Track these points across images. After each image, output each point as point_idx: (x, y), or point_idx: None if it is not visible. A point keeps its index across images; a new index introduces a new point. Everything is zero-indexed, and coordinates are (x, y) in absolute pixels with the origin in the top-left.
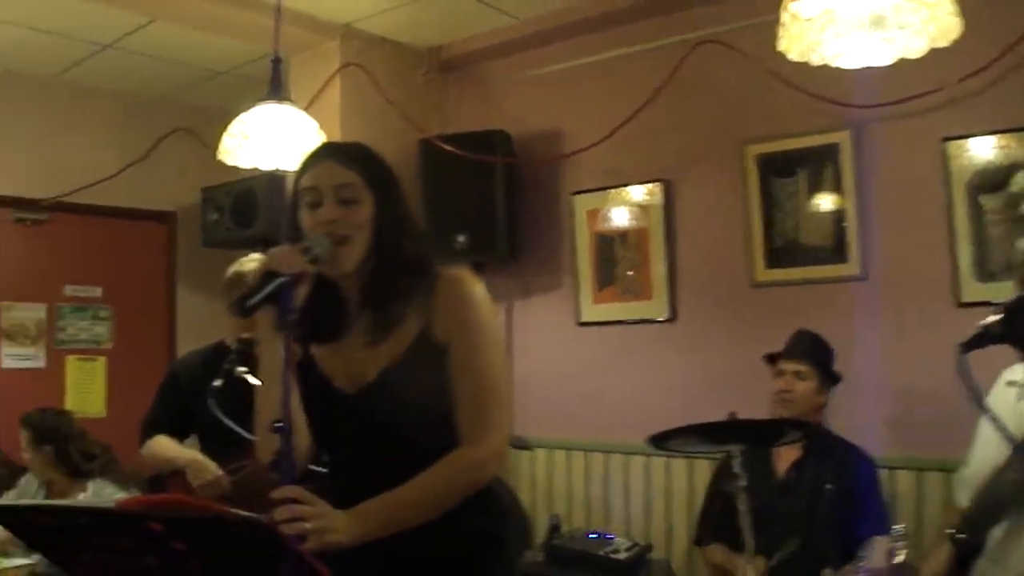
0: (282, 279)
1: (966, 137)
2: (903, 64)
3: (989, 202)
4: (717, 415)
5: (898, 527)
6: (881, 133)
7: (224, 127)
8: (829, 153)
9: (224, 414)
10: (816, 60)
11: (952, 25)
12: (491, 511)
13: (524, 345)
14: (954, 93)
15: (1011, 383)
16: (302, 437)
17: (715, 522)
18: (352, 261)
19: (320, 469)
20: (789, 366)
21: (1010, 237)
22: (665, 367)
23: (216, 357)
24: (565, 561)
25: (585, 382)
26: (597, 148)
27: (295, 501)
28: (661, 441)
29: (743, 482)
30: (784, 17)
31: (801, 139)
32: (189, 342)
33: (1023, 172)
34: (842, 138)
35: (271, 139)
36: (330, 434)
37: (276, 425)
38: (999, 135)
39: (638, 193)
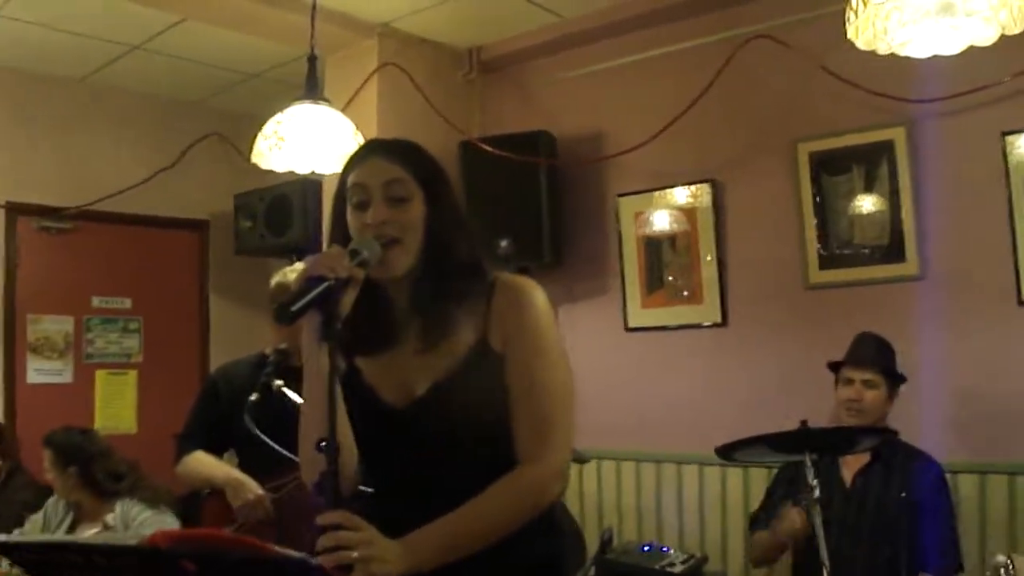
0: (328, 283)
1: None
2: (959, 57)
3: None
4: (772, 422)
5: (1001, 559)
6: (937, 128)
7: (257, 132)
8: (884, 150)
9: (261, 430)
10: (883, 49)
11: None
12: (551, 533)
13: (570, 352)
14: (1013, 86)
15: None
16: (349, 456)
17: (769, 515)
18: (403, 264)
19: (369, 490)
20: (857, 375)
21: None
22: (716, 373)
23: (256, 369)
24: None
25: (634, 389)
26: (643, 149)
27: (341, 527)
28: (728, 452)
29: (817, 493)
30: (853, 2)
31: (855, 136)
32: (222, 354)
33: None
34: (897, 134)
35: (307, 141)
36: (377, 452)
37: (321, 444)
38: None
39: (686, 194)
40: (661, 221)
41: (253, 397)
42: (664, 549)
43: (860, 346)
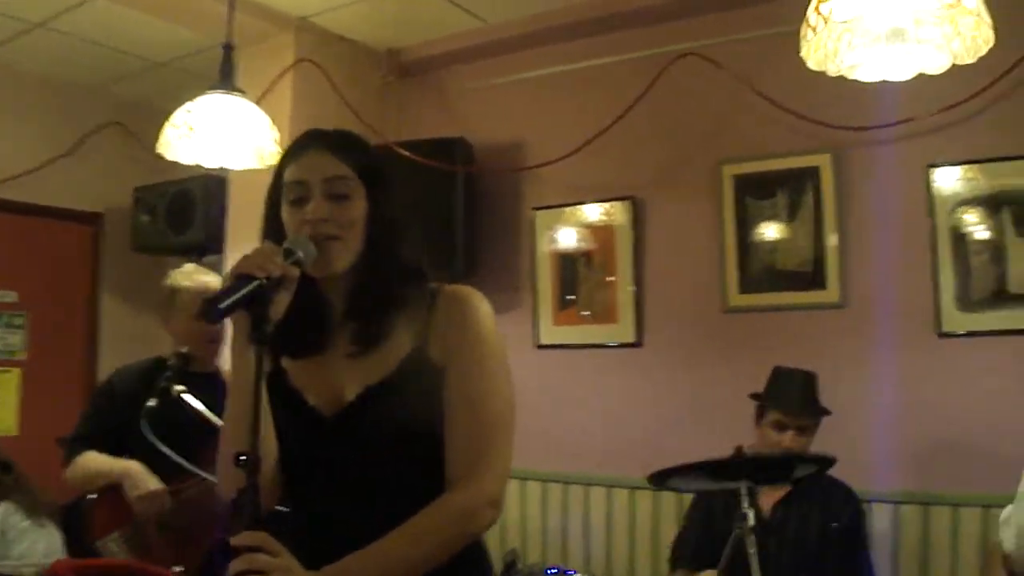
0: (258, 282)
1: (952, 164)
2: (888, 88)
3: (973, 232)
4: (686, 446)
5: None
6: (864, 157)
7: (160, 123)
8: (809, 176)
9: (159, 438)
10: (833, 71)
11: (981, 42)
12: (480, 566)
13: None
14: (941, 120)
15: None
16: (268, 471)
17: (690, 550)
18: (341, 263)
19: (284, 510)
20: (791, 421)
21: (993, 268)
22: (629, 394)
23: (155, 373)
24: None
25: (543, 408)
26: (563, 162)
27: (259, 550)
28: (662, 479)
29: (751, 522)
30: (812, 19)
31: (781, 160)
32: (113, 355)
33: (1008, 203)
34: (823, 161)
35: (218, 133)
36: (300, 460)
37: (240, 458)
38: (984, 164)
39: (604, 211)
40: (576, 237)
41: (151, 403)
42: (570, 572)
43: (789, 388)
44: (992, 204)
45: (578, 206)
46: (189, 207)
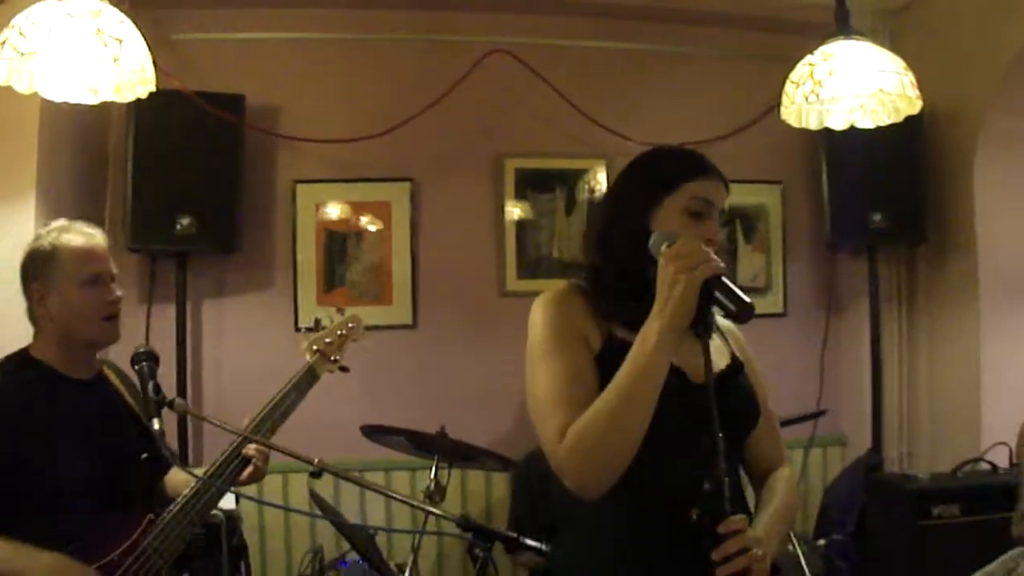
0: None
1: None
2: (656, 112)
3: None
4: (462, 426)
5: None
6: None
7: None
8: (584, 177)
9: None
10: (803, 125)
11: (904, 108)
12: None
13: (235, 349)
14: (702, 147)
15: None
16: None
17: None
18: None
19: None
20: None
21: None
22: (404, 375)
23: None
24: None
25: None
26: (333, 135)
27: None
28: (371, 432)
29: None
30: (798, 95)
31: (561, 160)
32: None
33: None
34: (598, 164)
35: None
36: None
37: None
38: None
39: (379, 190)
40: (348, 215)
41: (156, 426)
42: (343, 564)
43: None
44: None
45: (352, 183)
46: None
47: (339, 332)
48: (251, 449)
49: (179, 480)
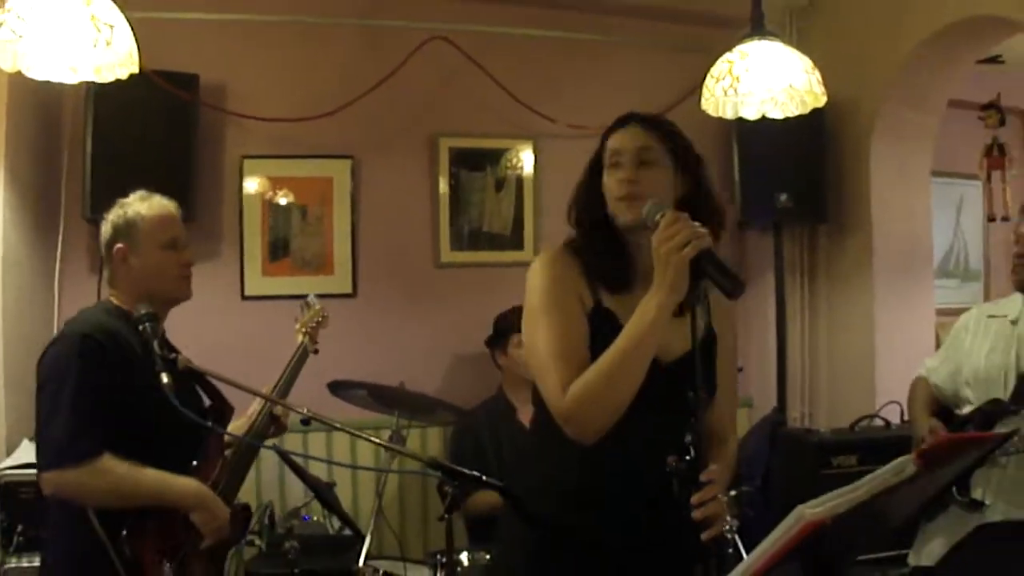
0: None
1: None
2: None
3: None
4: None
5: None
6: (555, 147)
7: None
8: (514, 156)
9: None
10: (720, 115)
11: (809, 103)
12: None
13: (184, 316)
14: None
15: (993, 316)
16: None
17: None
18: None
19: None
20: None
21: None
22: (343, 343)
23: (130, 328)
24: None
25: (249, 359)
26: (278, 113)
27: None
28: (338, 388)
29: None
30: (718, 88)
31: (492, 140)
32: None
33: None
34: (526, 145)
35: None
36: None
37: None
38: None
39: (322, 167)
40: (292, 189)
41: (165, 379)
42: (305, 519)
43: None
44: None
45: (297, 159)
46: None
47: (316, 320)
48: (279, 410)
49: None
